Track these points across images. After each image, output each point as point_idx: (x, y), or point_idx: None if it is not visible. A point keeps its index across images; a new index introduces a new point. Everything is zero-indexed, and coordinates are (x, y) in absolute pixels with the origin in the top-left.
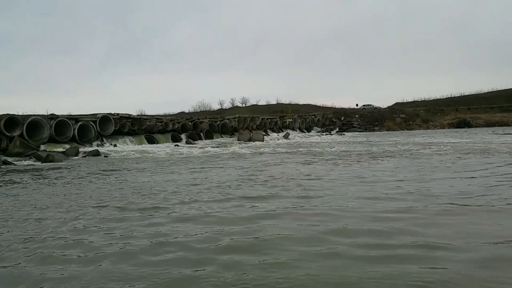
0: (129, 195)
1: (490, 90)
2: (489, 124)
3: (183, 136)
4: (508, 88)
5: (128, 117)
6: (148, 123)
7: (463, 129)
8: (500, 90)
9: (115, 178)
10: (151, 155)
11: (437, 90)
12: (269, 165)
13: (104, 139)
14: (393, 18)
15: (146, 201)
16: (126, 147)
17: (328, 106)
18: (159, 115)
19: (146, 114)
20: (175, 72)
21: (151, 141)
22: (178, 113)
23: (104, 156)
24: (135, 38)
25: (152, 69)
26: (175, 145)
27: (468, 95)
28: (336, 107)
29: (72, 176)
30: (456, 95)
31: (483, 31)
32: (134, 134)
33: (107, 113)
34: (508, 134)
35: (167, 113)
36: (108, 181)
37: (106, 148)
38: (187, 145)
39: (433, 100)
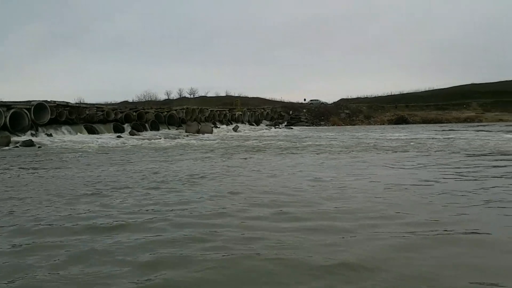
0: None
1: (427, 89)
2: (425, 121)
3: (126, 126)
4: (444, 87)
5: (65, 105)
6: (87, 112)
7: (401, 125)
8: (435, 89)
9: (20, 174)
10: (88, 146)
11: (379, 88)
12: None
13: (39, 128)
14: (342, 17)
15: None
16: (63, 137)
17: (277, 100)
18: (100, 104)
19: (86, 102)
20: (118, 59)
21: (91, 131)
22: (121, 102)
23: (38, 147)
24: (76, 22)
25: (93, 55)
26: (118, 136)
27: (407, 93)
28: (285, 101)
29: None
30: (396, 93)
31: (424, 34)
32: (72, 123)
33: (43, 101)
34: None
35: (109, 102)
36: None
37: (41, 138)
38: (131, 136)
39: (375, 97)
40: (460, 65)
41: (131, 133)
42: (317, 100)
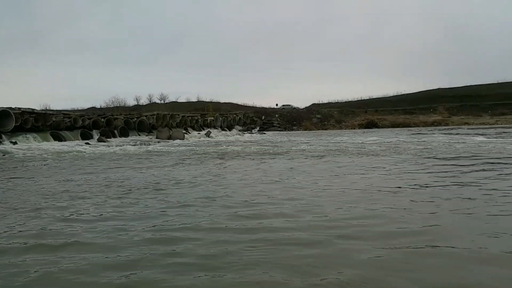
0: None
1: (395, 94)
2: (394, 125)
3: (94, 133)
4: (411, 92)
5: (31, 112)
6: (54, 119)
7: (371, 130)
8: (403, 94)
9: None
10: (54, 153)
11: (349, 93)
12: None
13: (4, 136)
14: (309, 23)
15: None
16: (29, 145)
17: (249, 105)
18: (66, 111)
19: (52, 109)
20: (85, 64)
21: (58, 138)
22: (89, 108)
23: (3, 155)
24: (39, 26)
25: (58, 60)
26: (85, 143)
27: (376, 98)
28: (257, 106)
29: None
30: (365, 98)
31: (390, 40)
32: (38, 130)
33: (7, 107)
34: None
35: (76, 109)
36: None
37: (6, 146)
38: (99, 143)
39: (346, 102)
40: (427, 70)
41: (99, 140)
42: (289, 105)
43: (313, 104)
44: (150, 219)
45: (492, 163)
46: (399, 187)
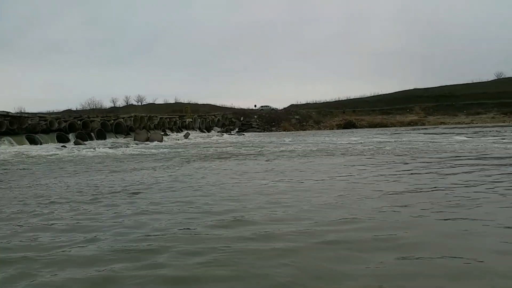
0: None
1: (372, 95)
2: (371, 125)
3: (71, 136)
4: (387, 93)
5: (5, 115)
6: (30, 122)
7: (349, 130)
8: (380, 95)
9: None
10: (29, 157)
11: (327, 93)
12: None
13: None
14: (286, 23)
15: None
16: (4, 148)
17: (227, 106)
18: (42, 113)
19: (27, 112)
20: (59, 66)
21: (34, 141)
22: (65, 110)
23: None
24: (10, 26)
25: (32, 62)
26: (62, 146)
27: (354, 98)
28: (236, 107)
29: None
30: (343, 99)
31: (366, 43)
32: (13, 134)
33: None
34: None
35: (52, 111)
36: None
37: None
38: (76, 146)
39: (324, 103)
40: (403, 70)
41: (76, 143)
42: (268, 106)
43: (292, 105)
44: (124, 226)
45: (477, 164)
46: (382, 190)
